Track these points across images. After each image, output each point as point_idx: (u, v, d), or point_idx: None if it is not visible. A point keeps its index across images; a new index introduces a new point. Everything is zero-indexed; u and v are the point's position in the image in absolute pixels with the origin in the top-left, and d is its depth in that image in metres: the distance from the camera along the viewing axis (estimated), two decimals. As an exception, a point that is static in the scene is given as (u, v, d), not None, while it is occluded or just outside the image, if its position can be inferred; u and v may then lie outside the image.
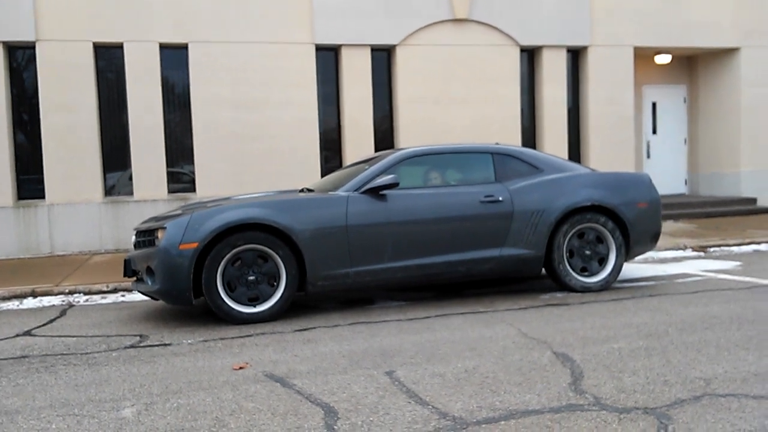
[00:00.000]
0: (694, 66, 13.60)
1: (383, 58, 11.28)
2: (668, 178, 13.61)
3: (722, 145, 13.08)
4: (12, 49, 9.91)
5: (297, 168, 10.62)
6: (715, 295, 5.70)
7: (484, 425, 2.93)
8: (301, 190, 6.29)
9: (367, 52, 10.91)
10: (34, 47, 9.78)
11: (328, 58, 11.06)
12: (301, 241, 5.23)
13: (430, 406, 3.18)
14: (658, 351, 3.99)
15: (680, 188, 13.77)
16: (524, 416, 3.02)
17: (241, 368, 3.97)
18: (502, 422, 2.96)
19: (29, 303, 6.61)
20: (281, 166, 10.57)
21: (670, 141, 13.67)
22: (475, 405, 3.18)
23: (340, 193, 5.57)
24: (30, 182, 10.03)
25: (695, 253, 8.41)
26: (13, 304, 6.58)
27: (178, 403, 3.38)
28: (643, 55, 12.96)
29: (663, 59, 13.06)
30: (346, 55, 10.82)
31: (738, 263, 7.44)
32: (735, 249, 8.60)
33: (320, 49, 10.86)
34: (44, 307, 6.38)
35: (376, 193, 5.59)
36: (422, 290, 6.48)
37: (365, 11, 10.77)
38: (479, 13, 11.24)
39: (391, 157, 5.91)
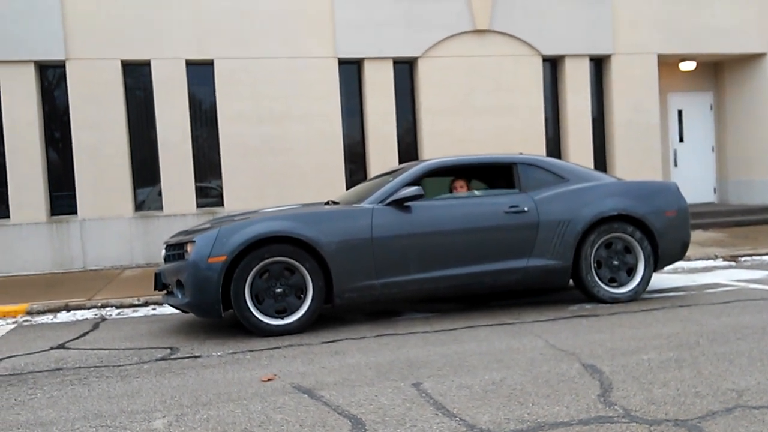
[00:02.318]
0: (719, 72, 13.45)
1: (405, 70, 11.34)
2: (696, 186, 13.43)
3: (751, 152, 12.88)
4: (43, 68, 10.15)
5: (322, 181, 10.70)
6: (747, 305, 5.61)
7: (512, 437, 2.93)
8: (327, 203, 6.34)
9: (390, 65, 10.98)
10: (64, 66, 10.01)
11: (351, 71, 11.15)
12: (327, 253, 5.27)
13: (458, 418, 3.18)
14: (688, 362, 3.94)
15: (709, 197, 13.59)
16: (552, 428, 3.00)
17: (269, 380, 4.00)
18: (531, 434, 2.95)
19: (63, 317, 6.74)
20: (306, 180, 10.66)
21: (698, 149, 13.51)
22: (503, 417, 3.18)
23: (365, 205, 5.60)
24: (62, 198, 10.24)
25: (726, 263, 8.29)
26: (47, 318, 6.71)
27: (208, 414, 3.43)
28: (667, 63, 12.85)
29: (688, 66, 12.94)
30: (368, 68, 10.89)
31: (770, 272, 7.33)
32: (767, 258, 8.46)
33: (343, 62, 10.95)
34: (77, 321, 6.50)
35: (400, 204, 5.61)
36: (449, 302, 6.48)
37: (387, 24, 10.85)
38: (500, 23, 11.25)
39: (415, 168, 5.94)
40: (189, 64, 10.37)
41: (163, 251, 5.72)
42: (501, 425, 3.07)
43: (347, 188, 10.90)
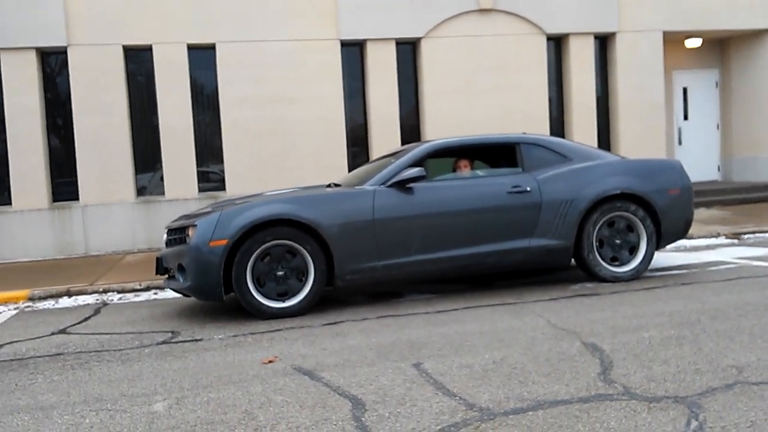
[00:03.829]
0: (725, 49, 13.30)
1: (408, 51, 11.25)
2: (701, 164, 13.33)
3: (756, 129, 12.76)
4: (45, 54, 10.12)
5: (324, 164, 10.67)
6: (750, 282, 5.58)
7: (511, 416, 2.92)
8: (329, 185, 6.32)
9: (392, 46, 10.89)
10: (65, 52, 9.97)
11: (353, 53, 11.07)
12: (328, 236, 5.26)
13: (458, 397, 3.18)
14: (689, 339, 3.93)
15: (713, 174, 13.49)
16: (552, 406, 3.00)
17: (270, 362, 4.01)
18: (530, 413, 2.94)
19: (65, 302, 6.77)
20: (308, 163, 10.63)
21: (702, 126, 13.40)
22: (503, 396, 3.17)
23: (367, 187, 5.58)
24: (64, 185, 10.24)
25: (729, 241, 8.25)
26: (49, 304, 6.73)
27: (209, 397, 3.43)
28: (672, 40, 12.70)
29: (693, 43, 12.79)
30: (371, 50, 10.81)
31: (774, 250, 7.28)
32: (771, 235, 8.41)
33: (345, 44, 10.87)
34: (79, 306, 6.52)
35: (402, 186, 5.58)
36: (451, 283, 6.47)
37: (389, 5, 10.75)
38: (504, 2, 11.13)
39: (417, 150, 5.90)
40: (190, 48, 10.31)
41: (165, 236, 5.72)
42: (501, 404, 3.06)
43: (350, 171, 10.86)
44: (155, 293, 6.95)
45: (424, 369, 3.67)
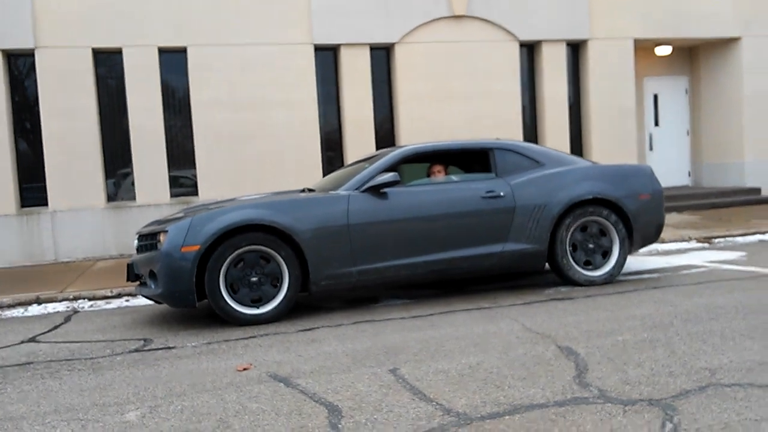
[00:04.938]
0: (695, 57, 13.55)
1: (382, 56, 11.26)
2: (672, 169, 13.55)
3: (725, 135, 13.02)
4: (12, 56, 9.93)
5: (299, 168, 10.62)
6: (720, 285, 5.67)
7: (488, 420, 2.92)
8: (302, 190, 6.29)
9: (366, 51, 10.90)
10: (33, 54, 9.79)
11: (327, 57, 11.06)
12: (303, 241, 5.22)
13: (434, 403, 3.17)
14: (662, 342, 3.97)
15: (684, 180, 13.72)
16: (528, 410, 3.00)
17: (245, 369, 3.96)
18: (507, 417, 2.95)
19: (34, 310, 6.62)
20: (283, 167, 10.57)
21: (673, 133, 13.62)
22: (479, 400, 3.17)
23: (341, 192, 5.56)
24: (32, 190, 10.04)
25: (700, 245, 8.38)
26: (17, 312, 6.59)
27: (182, 405, 3.38)
28: (643, 47, 12.91)
29: (663, 51, 13.01)
30: (345, 55, 10.80)
31: (743, 253, 7.41)
32: (740, 239, 8.56)
33: (319, 48, 10.85)
34: (49, 314, 6.39)
35: (377, 191, 5.57)
36: (426, 288, 6.47)
37: (363, 10, 10.76)
38: (477, 9, 11.21)
39: (391, 155, 5.90)
40: (162, 51, 10.20)
41: (136, 241, 5.63)
42: (477, 408, 3.06)
43: (324, 176, 10.83)
44: (127, 300, 6.84)
45: (401, 374, 3.65)
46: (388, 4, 10.84)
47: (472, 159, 6.68)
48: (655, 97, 13.48)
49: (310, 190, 6.17)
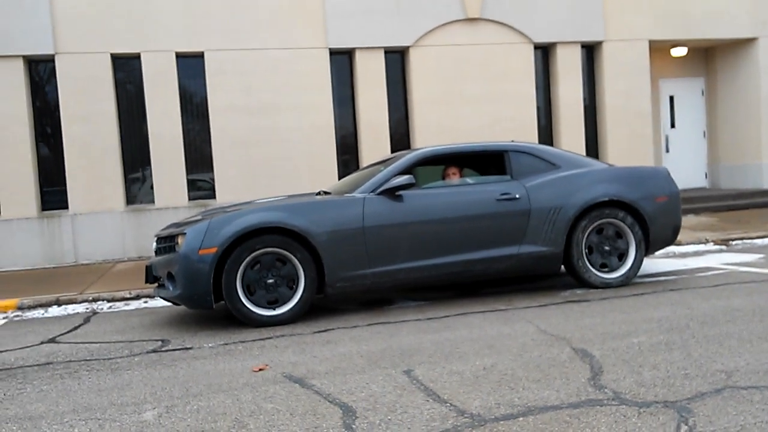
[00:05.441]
0: (711, 58, 13.44)
1: (397, 59, 11.29)
2: (688, 171, 13.45)
3: (742, 136, 12.90)
4: (32, 62, 10.08)
5: (314, 172, 10.67)
6: (738, 288, 5.63)
7: (502, 422, 2.93)
8: (318, 193, 6.33)
9: (381, 55, 10.94)
10: (53, 60, 9.93)
11: (342, 61, 11.11)
12: (318, 243, 5.26)
13: (448, 404, 3.19)
14: (678, 345, 3.96)
15: (701, 182, 13.61)
16: (543, 412, 3.01)
17: (260, 370, 4.00)
18: (521, 418, 2.95)
19: (54, 311, 6.72)
20: (299, 171, 10.63)
21: (689, 134, 13.52)
22: (494, 402, 3.18)
23: (357, 194, 5.59)
24: (53, 193, 10.18)
25: (717, 247, 8.31)
26: (38, 313, 6.69)
27: (199, 405, 3.42)
28: (658, 49, 12.83)
29: (679, 52, 12.92)
30: (359, 58, 10.85)
31: (761, 256, 7.34)
32: (758, 242, 8.48)
33: (334, 52, 10.90)
34: (68, 315, 6.48)
35: (392, 193, 5.60)
36: (441, 290, 6.48)
37: (378, 14, 10.80)
38: (491, 11, 11.21)
39: (406, 157, 5.92)
40: (179, 56, 10.30)
41: (154, 244, 5.70)
42: (491, 410, 3.07)
43: (340, 179, 10.87)
44: (145, 302, 6.92)
45: (415, 376, 3.67)
46: (402, 8, 10.88)
47: (488, 161, 6.69)
48: (671, 98, 13.39)
49: (326, 193, 6.21)
